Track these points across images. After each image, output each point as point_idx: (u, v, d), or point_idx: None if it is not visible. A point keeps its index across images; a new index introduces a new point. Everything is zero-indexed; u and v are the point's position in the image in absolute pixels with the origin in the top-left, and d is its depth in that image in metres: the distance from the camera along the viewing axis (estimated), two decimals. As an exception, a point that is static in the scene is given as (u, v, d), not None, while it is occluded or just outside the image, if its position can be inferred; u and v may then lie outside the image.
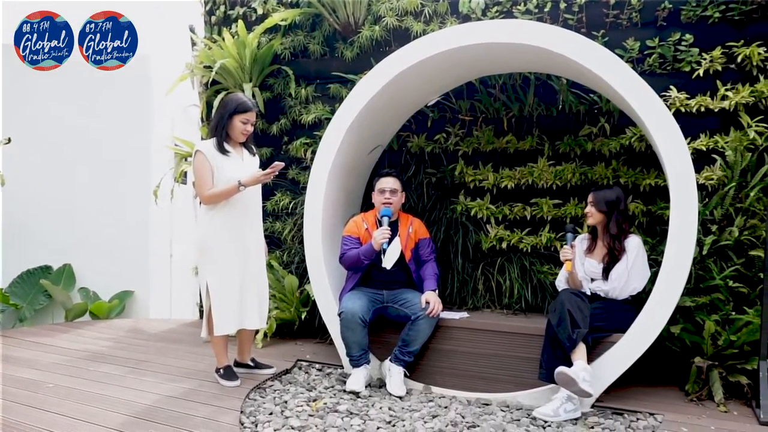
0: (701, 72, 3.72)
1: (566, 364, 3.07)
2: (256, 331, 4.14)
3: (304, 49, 4.96)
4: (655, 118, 3.12)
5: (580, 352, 3.07)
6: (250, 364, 3.78)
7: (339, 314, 3.56)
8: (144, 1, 5.34)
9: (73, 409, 3.05)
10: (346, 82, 4.72)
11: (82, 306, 6.04)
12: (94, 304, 6.00)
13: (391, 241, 3.58)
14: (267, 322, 3.69)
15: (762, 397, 3.03)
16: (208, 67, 4.97)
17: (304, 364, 4.02)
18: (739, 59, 3.64)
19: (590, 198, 3.46)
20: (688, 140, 3.55)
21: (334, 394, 3.44)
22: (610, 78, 3.18)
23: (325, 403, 3.25)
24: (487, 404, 3.37)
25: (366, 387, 3.52)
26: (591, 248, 3.50)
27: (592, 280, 3.46)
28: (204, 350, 4.24)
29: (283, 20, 4.87)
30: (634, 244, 3.32)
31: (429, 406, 3.29)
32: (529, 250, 4.17)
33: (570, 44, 3.25)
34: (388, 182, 3.75)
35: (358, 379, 3.51)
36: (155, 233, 6.38)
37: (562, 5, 4.06)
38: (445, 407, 3.29)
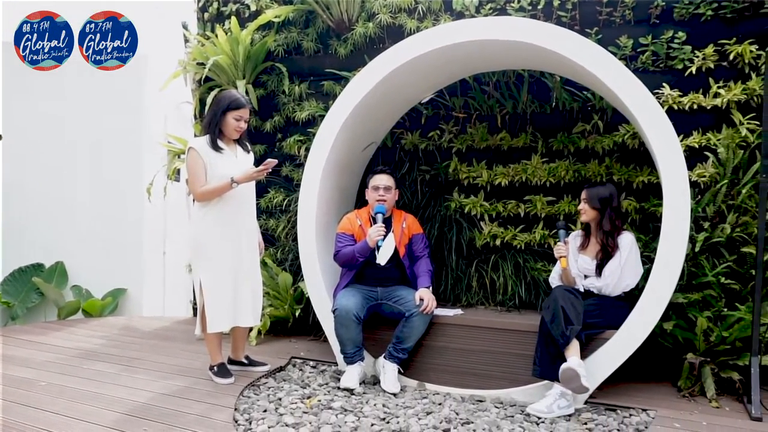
0: (694, 69, 3.74)
1: (560, 361, 3.09)
2: (250, 329, 4.14)
3: (297, 46, 4.95)
4: (648, 115, 3.13)
5: (574, 349, 3.08)
6: (244, 362, 3.77)
7: (333, 311, 3.56)
8: (140, 0, 5.32)
9: (67, 408, 3.04)
10: (339, 79, 4.71)
11: (75, 304, 6.02)
12: (86, 302, 5.98)
13: (384, 237, 3.59)
14: (261, 320, 3.69)
15: (753, 393, 3.05)
16: (201, 64, 4.96)
17: (299, 361, 4.02)
18: (732, 57, 3.66)
19: (583, 195, 3.46)
20: (681, 137, 3.56)
21: (329, 391, 3.44)
22: (604, 75, 3.19)
23: (319, 400, 3.25)
24: (481, 401, 3.38)
25: (360, 384, 3.53)
26: (584, 245, 3.51)
27: (586, 276, 3.47)
28: (198, 348, 4.23)
29: (276, 17, 4.86)
30: (627, 241, 3.33)
31: (423, 403, 3.29)
32: (523, 247, 4.18)
33: (563, 41, 3.25)
34: (382, 179, 3.75)
35: (353, 376, 3.51)
36: (148, 230, 6.37)
37: (556, 2, 4.06)
38: (439, 404, 3.30)
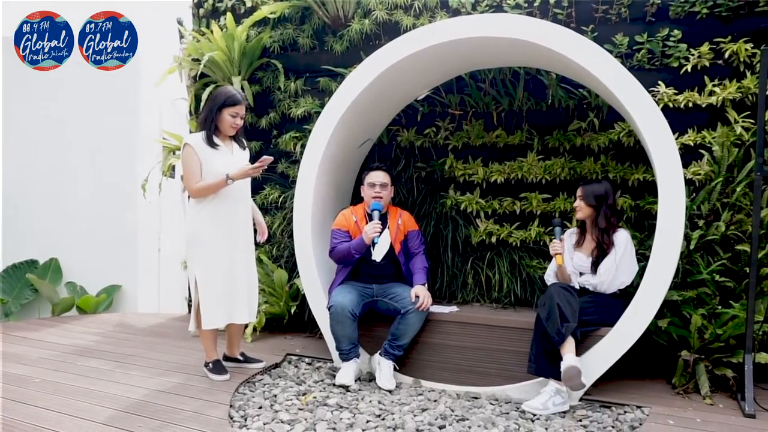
0: (689, 68, 3.74)
1: (555, 358, 3.10)
2: (246, 326, 4.14)
3: (293, 43, 4.93)
4: (644, 113, 3.14)
5: (569, 346, 3.09)
6: (240, 359, 3.77)
7: (328, 308, 3.56)
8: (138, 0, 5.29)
9: (61, 404, 3.03)
10: (335, 76, 4.70)
11: (69, 300, 6.00)
12: (81, 299, 5.96)
13: (380, 234, 3.58)
14: (256, 317, 3.68)
15: (747, 390, 3.07)
16: (197, 60, 4.94)
17: (294, 358, 4.02)
18: (727, 55, 3.67)
19: (579, 192, 3.47)
20: (676, 135, 3.57)
21: (324, 388, 3.44)
22: (599, 73, 3.19)
23: (314, 397, 3.25)
24: (477, 398, 3.39)
25: (356, 381, 3.53)
26: (580, 242, 3.52)
27: (581, 274, 3.48)
28: (193, 344, 4.23)
29: (272, 13, 4.84)
30: (623, 239, 3.34)
31: (418, 400, 3.30)
32: (519, 245, 4.19)
33: (559, 39, 3.25)
34: (378, 176, 3.74)
35: (348, 372, 3.51)
36: (143, 227, 6.34)
37: (552, 0, 4.06)
38: (435, 401, 3.31)
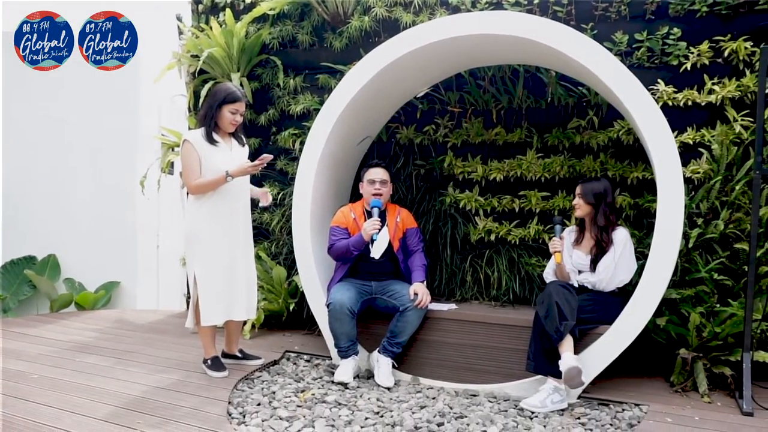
0: (689, 66, 3.74)
1: (554, 356, 3.10)
2: (244, 322, 4.14)
3: (292, 39, 4.92)
4: (643, 111, 3.13)
5: (567, 344, 3.09)
6: (238, 355, 3.77)
7: (327, 305, 3.56)
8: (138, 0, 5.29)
9: (59, 400, 3.03)
10: (335, 73, 4.69)
11: (68, 297, 5.99)
12: (79, 295, 5.95)
13: (379, 231, 3.58)
14: (255, 314, 3.68)
15: (745, 388, 3.07)
16: (196, 56, 4.93)
17: (293, 355, 4.03)
18: (726, 53, 3.66)
19: (578, 190, 3.47)
20: (675, 134, 3.57)
21: (323, 385, 3.45)
22: (599, 71, 3.19)
23: (313, 394, 3.26)
24: (475, 395, 3.39)
25: (354, 378, 3.53)
26: (579, 240, 3.52)
27: (580, 272, 3.48)
28: (191, 341, 4.22)
29: (271, 9, 4.83)
30: (622, 237, 3.34)
31: (417, 397, 3.30)
32: (518, 242, 4.19)
33: (559, 36, 3.25)
34: (378, 173, 3.74)
35: (347, 370, 3.51)
36: (142, 223, 6.34)
37: (552, -3, 4.07)
38: (433, 398, 3.31)
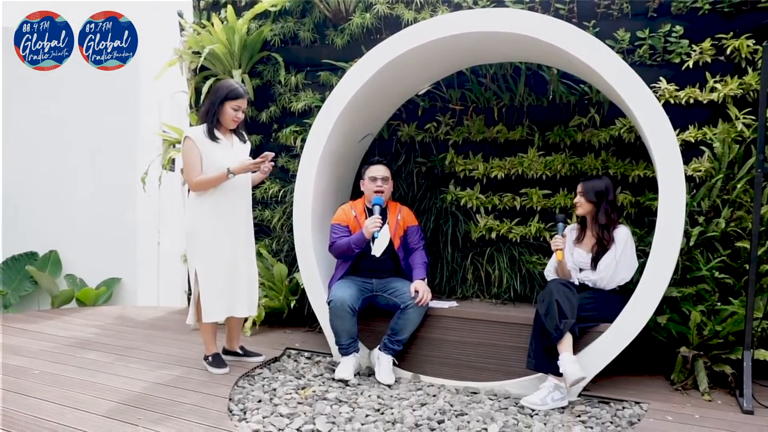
0: (691, 64, 3.73)
1: (554, 354, 3.10)
2: (245, 319, 4.14)
3: (294, 36, 4.92)
4: (645, 109, 3.13)
5: (567, 343, 3.09)
6: (239, 352, 3.78)
7: (328, 302, 3.56)
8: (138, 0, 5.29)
9: (61, 396, 3.03)
10: (336, 70, 4.69)
11: (69, 293, 6.00)
12: (80, 291, 5.96)
13: (380, 228, 3.58)
14: (256, 310, 3.68)
15: (745, 387, 3.07)
16: (197, 53, 4.92)
17: (293, 352, 4.03)
18: (729, 51, 3.65)
19: (579, 188, 3.47)
20: (677, 132, 3.56)
21: (323, 382, 3.45)
22: (601, 68, 3.18)
23: (314, 391, 3.26)
24: (475, 393, 3.40)
25: (355, 375, 3.53)
26: (580, 238, 3.52)
27: (581, 270, 3.48)
28: (192, 338, 4.23)
29: (273, 6, 4.83)
30: (623, 235, 3.34)
31: (417, 395, 3.31)
32: (518, 240, 4.19)
33: (561, 34, 3.24)
34: (380, 170, 3.74)
35: (347, 367, 3.52)
36: (143, 220, 6.35)
37: (554, -5, 4.06)
38: (434, 395, 3.31)
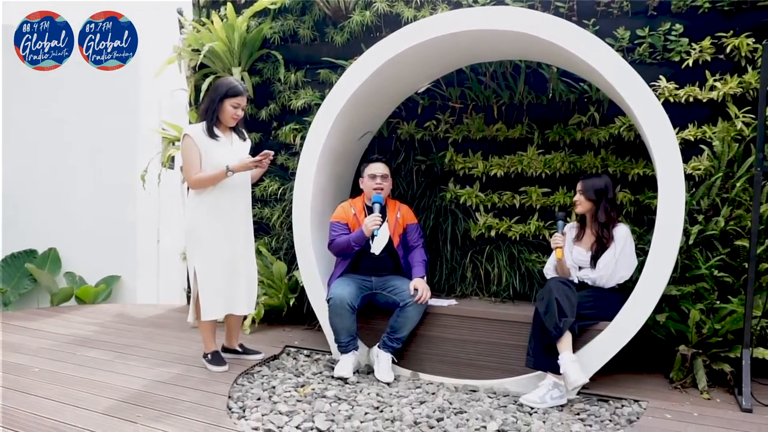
0: (690, 62, 3.73)
1: (553, 352, 3.11)
2: (245, 317, 4.14)
3: (293, 34, 4.91)
4: (644, 107, 3.13)
5: (566, 342, 3.09)
6: (238, 350, 3.78)
7: (328, 300, 3.57)
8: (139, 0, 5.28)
9: (60, 394, 3.04)
10: (336, 68, 4.68)
11: (68, 290, 6.00)
12: (80, 289, 5.96)
13: (379, 226, 3.58)
14: (255, 308, 3.68)
15: (744, 385, 3.07)
16: (196, 51, 4.92)
17: (293, 350, 4.03)
18: (728, 50, 3.65)
19: (579, 186, 3.47)
20: (677, 130, 3.56)
21: (322, 380, 3.45)
22: (600, 66, 3.18)
23: (313, 389, 3.26)
24: (475, 391, 3.40)
25: (354, 373, 3.54)
26: (579, 236, 3.52)
27: (580, 268, 3.48)
28: (192, 335, 4.23)
29: (272, 4, 4.83)
30: (622, 233, 3.34)
31: (417, 393, 3.31)
32: (518, 239, 4.19)
33: (561, 32, 3.24)
34: (379, 168, 3.74)
35: (347, 365, 3.52)
36: (142, 218, 6.34)
37: (554, -7, 4.05)
38: (433, 393, 3.32)
